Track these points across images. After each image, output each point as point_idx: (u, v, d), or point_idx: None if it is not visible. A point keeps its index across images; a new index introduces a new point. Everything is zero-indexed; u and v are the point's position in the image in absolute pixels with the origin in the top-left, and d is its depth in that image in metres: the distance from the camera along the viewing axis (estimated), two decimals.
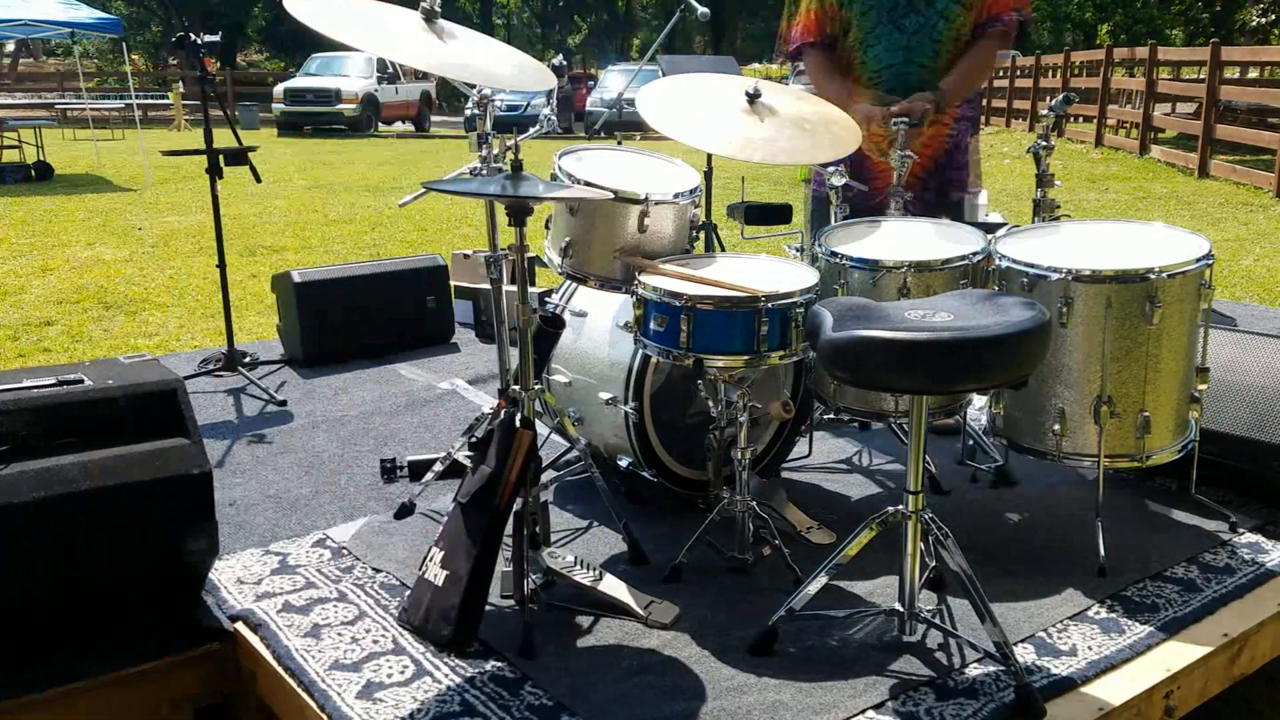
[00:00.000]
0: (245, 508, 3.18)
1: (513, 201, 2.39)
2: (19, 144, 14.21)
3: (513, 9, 49.46)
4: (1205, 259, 2.68)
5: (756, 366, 2.62)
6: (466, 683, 2.26)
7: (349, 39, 2.51)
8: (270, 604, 2.57)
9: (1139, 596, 2.60)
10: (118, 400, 2.53)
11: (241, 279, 7.57)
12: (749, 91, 2.89)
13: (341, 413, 4.04)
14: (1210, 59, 13.00)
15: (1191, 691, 2.39)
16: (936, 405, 2.82)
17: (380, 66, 23.60)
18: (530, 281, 2.81)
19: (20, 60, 24.17)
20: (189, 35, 4.20)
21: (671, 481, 3.04)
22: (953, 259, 2.81)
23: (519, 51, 2.92)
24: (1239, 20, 23.37)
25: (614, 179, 2.81)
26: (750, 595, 2.60)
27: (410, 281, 4.92)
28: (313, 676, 2.27)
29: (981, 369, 2.12)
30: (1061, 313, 2.66)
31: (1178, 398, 2.74)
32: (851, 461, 3.47)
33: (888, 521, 2.34)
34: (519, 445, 2.42)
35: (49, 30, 15.83)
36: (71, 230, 9.88)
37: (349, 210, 11.33)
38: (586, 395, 3.10)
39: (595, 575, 2.60)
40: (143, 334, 6.23)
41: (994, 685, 2.23)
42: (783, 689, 2.22)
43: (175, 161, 14.56)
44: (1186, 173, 13.25)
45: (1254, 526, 2.95)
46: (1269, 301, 6.80)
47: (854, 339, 2.09)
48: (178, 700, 2.40)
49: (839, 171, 3.18)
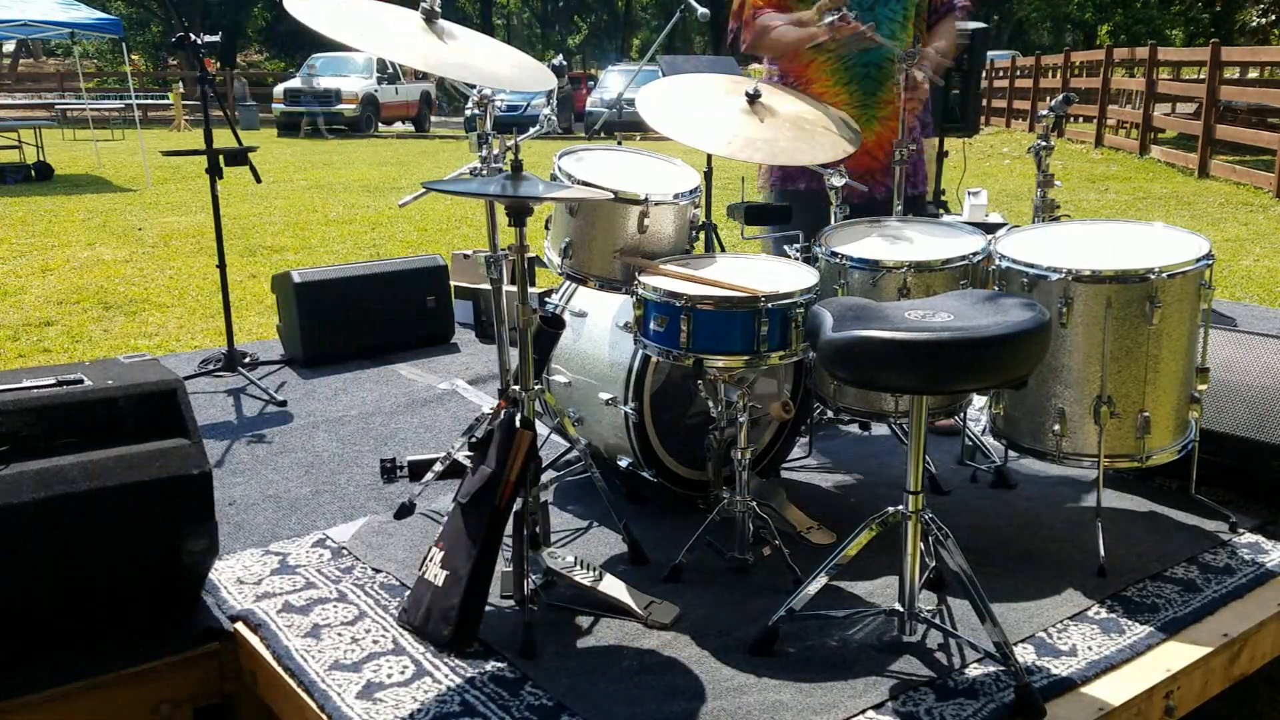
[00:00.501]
0: (245, 508, 3.18)
1: (513, 202, 2.39)
2: (19, 144, 14.20)
3: (513, 9, 49.44)
4: (1205, 259, 2.68)
5: (756, 366, 2.62)
6: (466, 683, 2.26)
7: (349, 39, 2.51)
8: (270, 604, 2.57)
9: (1139, 596, 2.60)
10: (118, 400, 2.53)
11: (241, 279, 7.58)
12: (749, 92, 2.89)
13: (341, 413, 4.04)
14: (1210, 59, 13.01)
15: (1191, 691, 2.39)
16: (936, 405, 2.82)
17: (380, 67, 23.60)
18: (530, 282, 2.81)
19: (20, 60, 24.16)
20: (189, 35, 4.20)
21: (671, 481, 3.04)
22: (953, 259, 2.81)
23: (519, 52, 2.93)
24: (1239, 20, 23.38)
25: (614, 179, 2.81)
26: (750, 595, 2.60)
27: (410, 281, 4.92)
28: (313, 676, 2.28)
29: (981, 369, 2.12)
30: (1061, 313, 2.66)
31: (1178, 398, 2.74)
32: (851, 462, 3.47)
33: (888, 521, 2.34)
34: (519, 445, 2.42)
35: (49, 30, 15.83)
36: (71, 230, 9.88)
37: (349, 210, 11.33)
38: (586, 395, 3.10)
39: (595, 575, 2.60)
40: (143, 334, 6.23)
41: (994, 685, 2.23)
42: (783, 689, 2.22)
43: (175, 161, 14.56)
44: (1186, 173, 13.26)
45: (1254, 526, 2.95)
46: (1269, 301, 6.80)
47: (854, 339, 2.09)
48: (178, 700, 2.40)
49: (839, 171, 3.18)
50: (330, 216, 10.88)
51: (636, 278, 2.69)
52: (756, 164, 3.49)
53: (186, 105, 23.00)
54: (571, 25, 50.00)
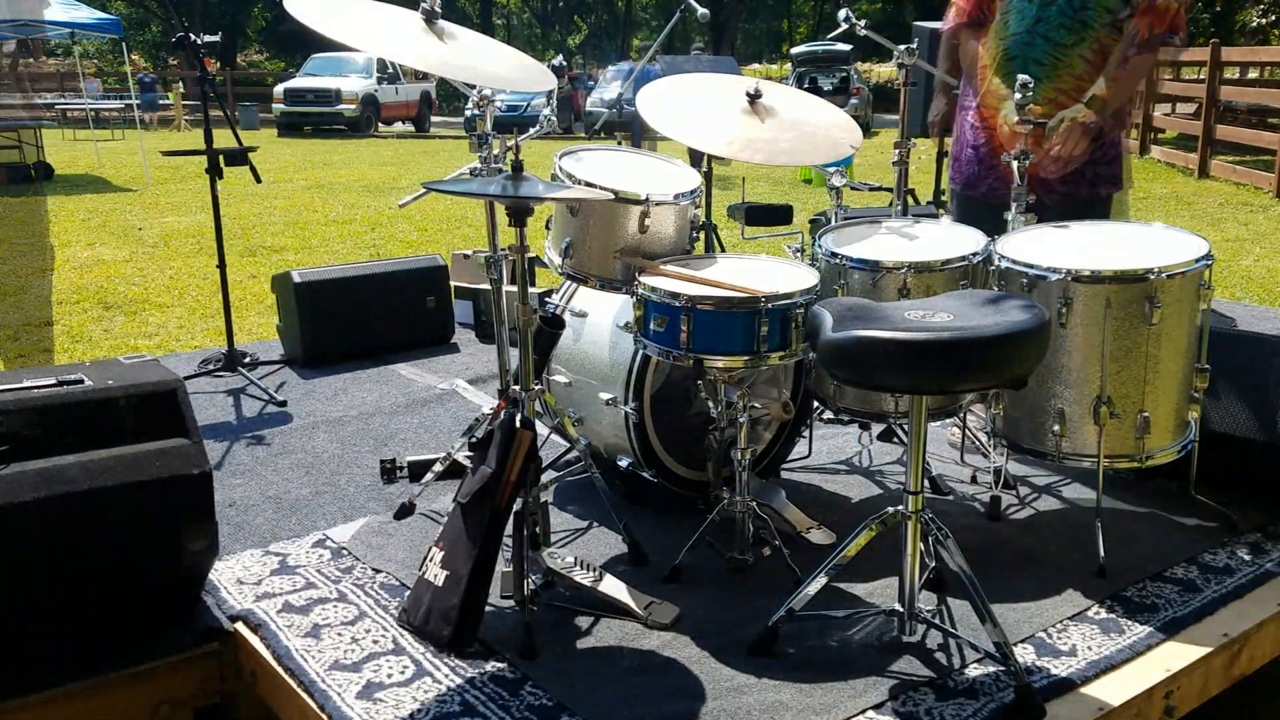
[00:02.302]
0: (245, 508, 3.18)
1: (513, 202, 2.39)
2: (19, 144, 14.19)
3: (513, 9, 49.44)
4: (1204, 259, 2.68)
5: (756, 367, 2.62)
6: (466, 683, 2.26)
7: (349, 39, 2.51)
8: (270, 604, 2.57)
9: (1139, 597, 2.60)
10: (118, 400, 2.53)
11: (241, 279, 7.57)
12: (749, 92, 2.89)
13: (341, 413, 4.04)
14: (1210, 59, 13.01)
15: (1191, 691, 2.39)
16: (936, 405, 2.82)
17: (380, 67, 23.59)
18: (530, 282, 2.81)
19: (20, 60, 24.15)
20: (189, 35, 4.20)
21: (671, 482, 3.04)
22: (952, 259, 2.81)
23: (519, 52, 2.93)
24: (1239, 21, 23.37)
25: (614, 179, 2.81)
26: (750, 595, 2.60)
27: (410, 281, 4.92)
28: (313, 676, 2.28)
29: (981, 369, 2.12)
30: (1061, 313, 2.66)
31: (1177, 398, 2.75)
32: (851, 462, 3.47)
33: (887, 522, 2.34)
34: (519, 446, 2.42)
35: (49, 30, 15.82)
36: (71, 230, 9.88)
37: (349, 210, 11.33)
38: (586, 395, 3.10)
39: (595, 575, 2.61)
40: (143, 334, 6.23)
41: (994, 685, 2.23)
42: (783, 689, 2.22)
43: (175, 161, 14.55)
44: (1186, 173, 13.25)
45: (1254, 526, 2.95)
46: (1269, 301, 6.80)
47: (854, 339, 2.09)
48: (178, 700, 2.40)
49: (839, 172, 3.18)
50: (330, 216, 10.88)
51: (636, 278, 2.70)
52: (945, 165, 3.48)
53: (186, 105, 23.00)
54: (571, 25, 50.00)
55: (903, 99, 3.69)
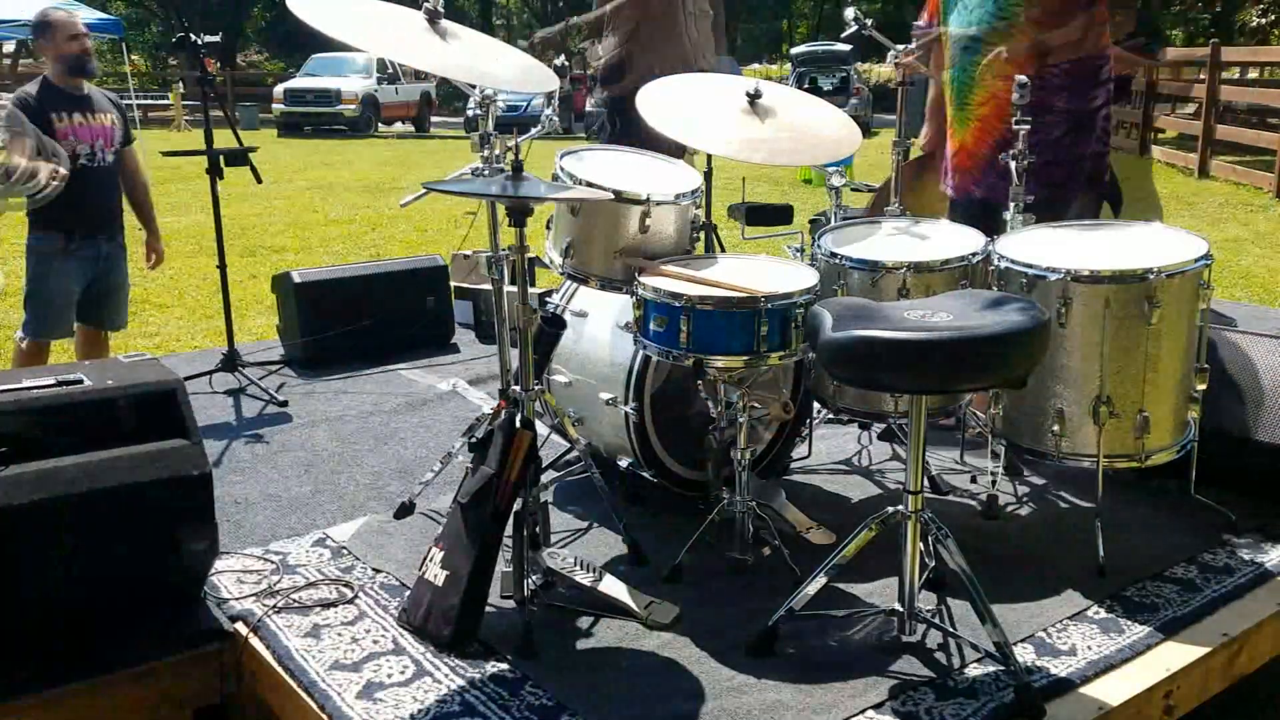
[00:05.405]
0: (245, 508, 3.18)
1: (513, 202, 2.39)
2: None
3: (513, 9, 49.43)
4: (1204, 259, 2.68)
5: (756, 367, 2.62)
6: (467, 683, 2.26)
7: (350, 39, 2.51)
8: (270, 604, 2.57)
9: (1138, 596, 2.60)
10: (117, 401, 2.53)
11: (241, 279, 7.57)
12: (749, 92, 2.89)
13: (341, 413, 4.04)
14: (1210, 59, 13.00)
15: (1191, 691, 2.39)
16: (936, 405, 2.82)
17: (380, 67, 23.57)
18: (530, 282, 2.81)
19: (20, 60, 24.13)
20: (189, 35, 4.20)
21: (671, 482, 3.04)
22: (952, 259, 2.81)
23: (520, 52, 2.93)
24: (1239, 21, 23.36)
25: (615, 180, 2.81)
26: (750, 595, 2.60)
27: (410, 282, 4.92)
28: (313, 676, 2.28)
29: (980, 369, 2.13)
30: (1060, 313, 2.66)
31: (1177, 398, 2.75)
32: (851, 462, 3.48)
33: (887, 521, 2.34)
34: (519, 446, 2.42)
35: None
36: None
37: (349, 210, 11.32)
38: (587, 395, 3.10)
39: (595, 575, 2.61)
40: (143, 334, 6.23)
41: (994, 685, 2.23)
42: (783, 689, 2.23)
43: (175, 161, 14.49)
44: (1186, 173, 13.25)
45: (1254, 526, 2.95)
46: (1269, 301, 6.80)
47: (854, 339, 2.09)
48: (178, 700, 2.40)
49: (839, 172, 3.19)
50: (330, 217, 10.88)
51: (636, 278, 2.70)
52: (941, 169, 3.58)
53: (186, 105, 22.99)
54: None
55: (900, 99, 3.69)
